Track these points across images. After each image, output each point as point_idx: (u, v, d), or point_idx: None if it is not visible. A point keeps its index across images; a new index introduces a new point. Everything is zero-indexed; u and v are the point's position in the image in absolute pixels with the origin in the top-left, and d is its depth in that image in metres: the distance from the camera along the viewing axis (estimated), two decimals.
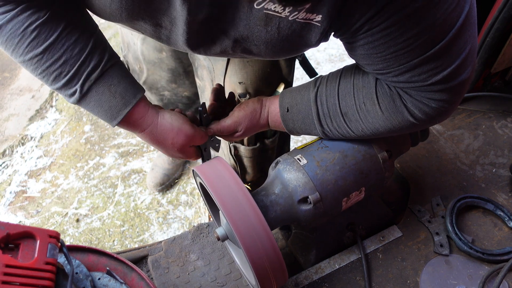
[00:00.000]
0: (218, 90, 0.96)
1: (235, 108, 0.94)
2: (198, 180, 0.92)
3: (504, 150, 1.21)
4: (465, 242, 0.99)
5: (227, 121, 0.93)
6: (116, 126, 0.83)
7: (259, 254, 0.78)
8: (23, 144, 2.32)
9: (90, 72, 0.76)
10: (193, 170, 0.91)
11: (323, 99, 0.84)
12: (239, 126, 0.92)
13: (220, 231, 0.88)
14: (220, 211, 0.87)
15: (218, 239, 0.88)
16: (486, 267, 0.97)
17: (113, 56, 0.81)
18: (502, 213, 1.05)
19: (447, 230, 1.02)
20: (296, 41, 0.70)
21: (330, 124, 0.85)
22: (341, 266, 0.99)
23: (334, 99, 0.82)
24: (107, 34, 3.01)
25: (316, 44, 0.71)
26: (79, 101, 0.79)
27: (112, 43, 2.90)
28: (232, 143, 1.19)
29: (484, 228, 1.05)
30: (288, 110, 0.88)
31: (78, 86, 0.77)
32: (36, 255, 0.62)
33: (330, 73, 0.86)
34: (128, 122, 0.83)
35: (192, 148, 0.91)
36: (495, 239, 1.02)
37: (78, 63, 0.75)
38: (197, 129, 0.89)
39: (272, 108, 0.91)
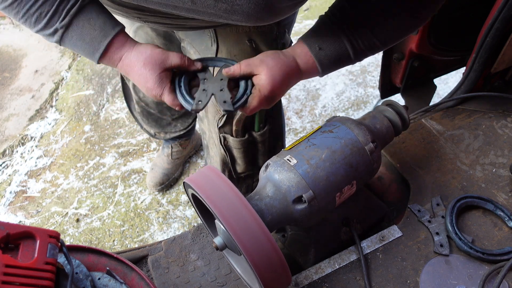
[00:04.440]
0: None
1: None
2: (190, 191, 0.91)
3: (504, 150, 1.21)
4: (465, 242, 0.99)
5: (246, 59, 0.88)
6: (99, 64, 0.88)
7: (262, 259, 0.77)
8: (23, 144, 2.32)
9: (69, 9, 0.81)
10: (184, 183, 0.89)
11: (348, 24, 0.85)
12: (260, 65, 0.86)
13: (218, 240, 0.87)
14: (216, 220, 0.86)
15: (217, 248, 0.87)
16: (486, 267, 0.97)
17: None
18: (502, 213, 1.05)
19: (447, 230, 1.02)
20: None
21: (361, 43, 0.86)
22: (341, 266, 0.99)
23: (357, 19, 0.85)
24: None
25: None
26: (62, 38, 0.84)
27: None
28: (221, 133, 1.20)
29: (484, 228, 1.04)
30: (320, 48, 0.87)
31: (58, 23, 0.82)
32: (36, 255, 0.62)
33: (334, 6, 0.87)
34: (109, 55, 0.87)
35: (166, 74, 0.89)
36: (495, 239, 1.02)
37: (57, 2, 0.80)
38: (169, 51, 0.89)
39: (299, 51, 0.89)
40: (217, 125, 1.19)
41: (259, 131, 1.22)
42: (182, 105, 0.88)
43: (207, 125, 1.26)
